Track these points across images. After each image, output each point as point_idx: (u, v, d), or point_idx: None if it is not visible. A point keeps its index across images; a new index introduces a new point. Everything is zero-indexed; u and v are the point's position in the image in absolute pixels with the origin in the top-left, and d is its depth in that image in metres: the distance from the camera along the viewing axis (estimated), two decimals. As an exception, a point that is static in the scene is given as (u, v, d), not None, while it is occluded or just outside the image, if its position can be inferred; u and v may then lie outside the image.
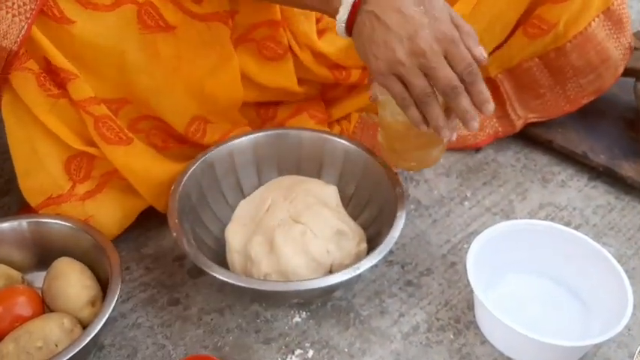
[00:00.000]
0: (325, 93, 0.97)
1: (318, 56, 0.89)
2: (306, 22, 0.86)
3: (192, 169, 0.79)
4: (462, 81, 0.63)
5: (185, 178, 0.78)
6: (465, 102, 0.64)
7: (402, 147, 0.76)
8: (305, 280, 0.71)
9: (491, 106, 0.64)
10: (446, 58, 0.63)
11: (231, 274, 0.70)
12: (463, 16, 0.70)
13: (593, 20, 0.89)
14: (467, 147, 1.00)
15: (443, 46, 0.62)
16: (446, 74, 0.62)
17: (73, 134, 0.74)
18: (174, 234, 0.71)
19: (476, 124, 0.64)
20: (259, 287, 0.69)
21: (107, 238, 0.74)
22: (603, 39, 0.90)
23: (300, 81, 0.90)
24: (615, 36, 0.90)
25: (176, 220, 0.72)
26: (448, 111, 0.67)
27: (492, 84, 0.99)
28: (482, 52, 0.64)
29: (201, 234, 0.78)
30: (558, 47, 0.92)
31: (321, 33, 0.90)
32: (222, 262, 0.76)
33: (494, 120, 1.00)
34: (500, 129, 1.00)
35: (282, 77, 0.88)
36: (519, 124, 0.99)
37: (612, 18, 0.90)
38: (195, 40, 0.76)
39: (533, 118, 0.99)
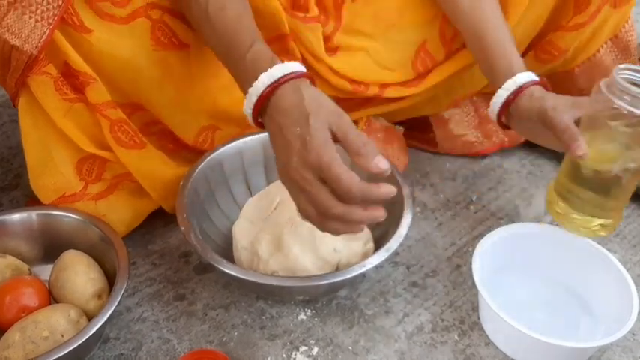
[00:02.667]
0: (337, 103, 0.96)
1: (334, 69, 0.88)
2: (314, 39, 0.85)
3: (202, 166, 0.80)
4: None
5: (194, 174, 0.78)
6: (348, 222, 0.59)
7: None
8: (311, 276, 0.71)
9: (381, 214, 0.60)
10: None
11: (238, 268, 0.70)
12: None
13: (602, 47, 0.90)
14: (472, 154, 1.01)
15: (316, 173, 0.58)
16: (320, 200, 0.58)
17: (86, 138, 0.74)
18: (182, 228, 0.71)
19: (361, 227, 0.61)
20: (265, 282, 0.69)
21: (115, 232, 0.74)
22: (610, 65, 0.90)
23: None
24: (621, 62, 0.90)
25: (184, 215, 0.73)
26: None
27: None
28: (378, 165, 0.58)
29: (208, 230, 0.78)
30: (566, 70, 0.93)
31: (334, 51, 0.89)
32: (229, 259, 0.76)
33: (501, 131, 1.00)
34: (506, 139, 1.00)
35: None
36: None
37: (619, 45, 0.90)
38: (208, 58, 0.76)
39: None
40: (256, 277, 0.69)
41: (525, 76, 0.75)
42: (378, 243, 0.77)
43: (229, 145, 0.83)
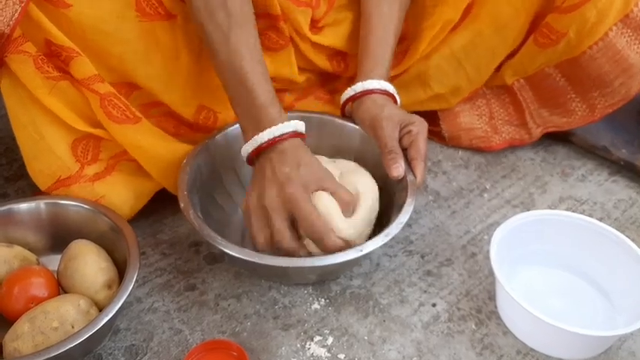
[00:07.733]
0: (325, 85, 0.97)
1: (317, 46, 0.90)
2: (303, 21, 0.86)
3: (207, 143, 0.79)
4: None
5: (198, 151, 0.77)
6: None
7: None
8: (304, 258, 0.69)
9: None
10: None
11: (230, 245, 0.67)
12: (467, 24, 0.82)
13: (610, 29, 0.85)
14: (480, 149, 0.98)
15: (287, 207, 0.67)
16: (279, 237, 0.68)
17: (76, 116, 0.73)
18: (182, 205, 0.70)
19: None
20: (258, 261, 0.67)
21: (125, 221, 0.72)
22: (623, 47, 0.86)
23: (301, 70, 0.91)
24: (637, 42, 0.86)
25: (185, 192, 0.72)
26: None
27: (510, 91, 0.97)
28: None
29: (211, 209, 0.77)
30: (574, 57, 0.89)
31: (320, 29, 0.91)
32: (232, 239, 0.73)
33: (512, 128, 0.98)
34: (516, 137, 0.98)
35: (284, 67, 0.88)
36: (537, 132, 0.96)
37: (631, 25, 0.85)
38: (195, 29, 0.75)
39: (552, 127, 0.96)
40: (246, 255, 0.67)
41: (377, 84, 0.82)
42: (382, 229, 0.74)
43: (237, 125, 0.81)
